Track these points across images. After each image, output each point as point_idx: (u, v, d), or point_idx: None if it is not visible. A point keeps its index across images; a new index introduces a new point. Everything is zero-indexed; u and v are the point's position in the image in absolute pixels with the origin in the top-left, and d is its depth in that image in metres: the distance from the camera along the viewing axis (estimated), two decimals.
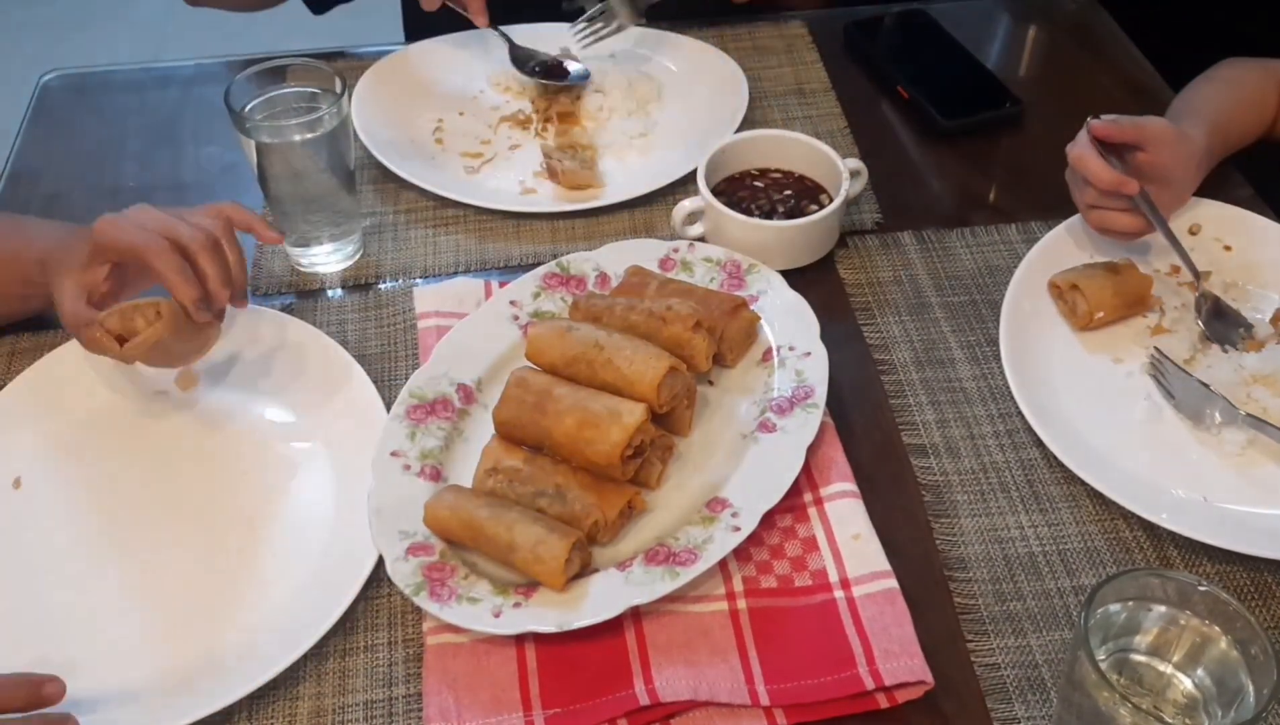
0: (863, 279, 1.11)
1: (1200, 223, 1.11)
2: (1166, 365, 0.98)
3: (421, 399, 0.96)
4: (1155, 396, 0.98)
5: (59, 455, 0.97)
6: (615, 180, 1.21)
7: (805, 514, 0.90)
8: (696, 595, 0.85)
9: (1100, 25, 1.43)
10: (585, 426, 0.88)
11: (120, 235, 0.91)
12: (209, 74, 1.38)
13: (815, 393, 0.94)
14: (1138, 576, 0.71)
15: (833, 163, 1.11)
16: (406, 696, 0.82)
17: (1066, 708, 0.71)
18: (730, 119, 1.23)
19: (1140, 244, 1.08)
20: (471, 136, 1.27)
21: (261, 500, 0.93)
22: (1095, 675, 0.66)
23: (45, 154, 1.28)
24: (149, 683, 0.82)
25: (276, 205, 1.09)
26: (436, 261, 1.14)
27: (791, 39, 1.40)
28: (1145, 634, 0.73)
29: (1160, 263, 1.08)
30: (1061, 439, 0.93)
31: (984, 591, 0.86)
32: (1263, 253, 1.08)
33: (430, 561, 0.85)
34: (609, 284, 1.05)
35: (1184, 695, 0.72)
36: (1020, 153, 1.26)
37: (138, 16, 3.31)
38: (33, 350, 1.04)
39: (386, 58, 1.32)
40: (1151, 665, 0.73)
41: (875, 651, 0.81)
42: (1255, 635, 0.68)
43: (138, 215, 0.93)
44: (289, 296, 1.10)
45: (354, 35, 1.40)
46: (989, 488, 0.93)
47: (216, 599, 0.87)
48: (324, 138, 1.03)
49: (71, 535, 0.91)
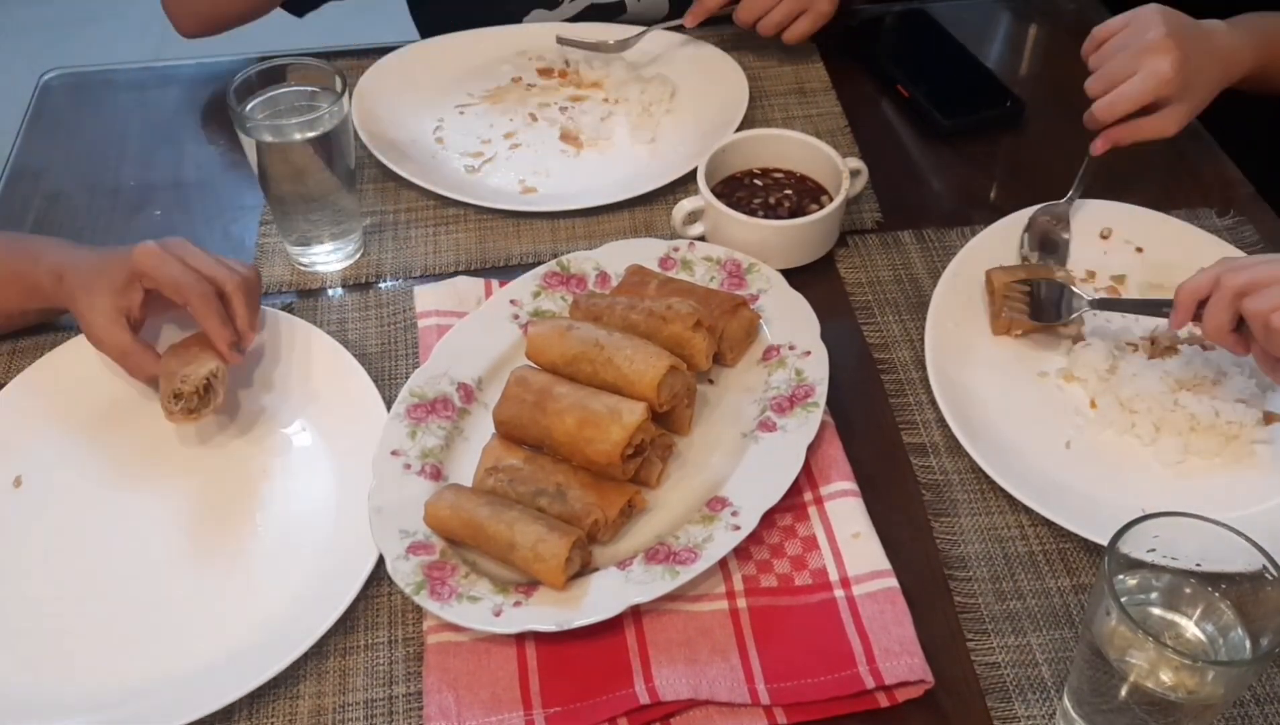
0: (863, 278, 1.11)
1: (1111, 226, 1.11)
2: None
3: (422, 398, 0.96)
4: (1083, 407, 0.97)
5: (59, 455, 0.97)
6: (615, 180, 1.21)
7: (805, 513, 0.90)
8: (696, 594, 0.85)
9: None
10: (585, 425, 0.88)
11: (166, 270, 0.94)
12: (209, 74, 1.38)
13: (815, 392, 0.94)
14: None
15: (833, 162, 1.11)
16: (407, 695, 0.82)
17: (1087, 665, 0.72)
18: (730, 119, 1.23)
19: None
20: (472, 136, 1.27)
21: (262, 499, 0.94)
22: (1117, 611, 0.66)
23: (45, 154, 1.28)
24: (149, 682, 0.82)
25: (277, 205, 1.09)
26: (437, 261, 1.14)
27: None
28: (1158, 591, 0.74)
29: (1077, 269, 1.08)
30: (995, 455, 0.92)
31: (984, 590, 0.86)
32: (1174, 252, 1.07)
33: (430, 560, 0.85)
34: (609, 283, 1.05)
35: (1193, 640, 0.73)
36: (1020, 152, 1.26)
37: (138, 16, 3.31)
38: (33, 350, 1.04)
39: (387, 57, 1.32)
40: (1165, 617, 0.74)
41: (875, 650, 0.81)
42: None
43: (178, 249, 0.95)
44: (289, 296, 1.10)
45: (356, 35, 1.40)
46: (989, 487, 0.93)
47: (216, 598, 0.87)
48: (324, 137, 1.03)
49: (71, 534, 0.91)
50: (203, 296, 0.94)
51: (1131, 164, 1.19)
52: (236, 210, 1.20)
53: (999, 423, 0.96)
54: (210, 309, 0.94)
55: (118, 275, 0.95)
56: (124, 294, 0.95)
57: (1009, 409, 0.97)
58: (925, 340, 1.00)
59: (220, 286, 0.95)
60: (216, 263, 0.96)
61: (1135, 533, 0.70)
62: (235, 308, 0.96)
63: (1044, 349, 1.02)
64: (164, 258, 0.94)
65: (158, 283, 0.94)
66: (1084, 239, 1.10)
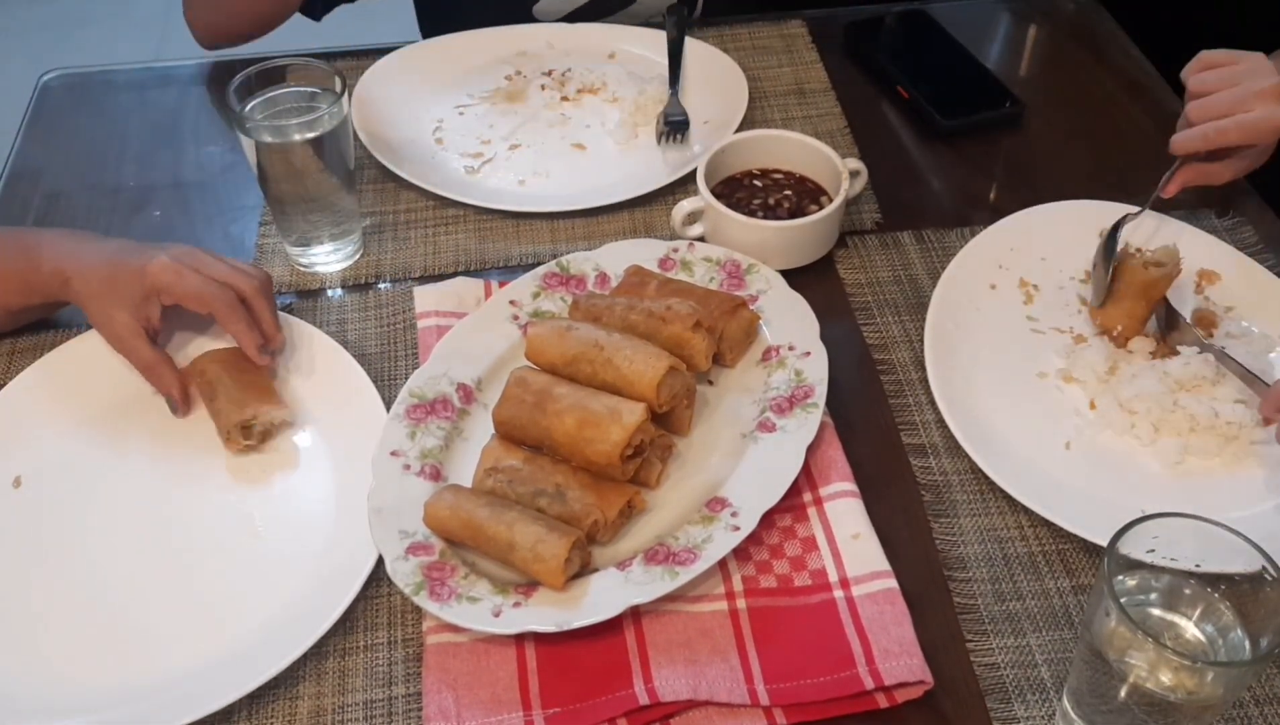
0: (863, 279, 1.11)
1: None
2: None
3: (421, 399, 0.96)
4: (1083, 408, 0.97)
5: (59, 455, 0.97)
6: (615, 180, 1.21)
7: (805, 513, 0.90)
8: (696, 595, 0.85)
9: (1100, 25, 1.43)
10: (585, 426, 0.88)
11: (186, 285, 0.95)
12: (209, 74, 1.38)
13: (815, 392, 0.94)
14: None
15: (833, 163, 1.11)
16: (406, 696, 0.82)
17: (1086, 665, 0.72)
18: (730, 119, 1.23)
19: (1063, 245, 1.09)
20: (471, 136, 1.27)
21: (262, 500, 0.94)
22: (1117, 612, 0.66)
23: (45, 154, 1.28)
24: (149, 682, 0.82)
25: (276, 205, 1.09)
26: (436, 261, 1.14)
27: (791, 39, 1.40)
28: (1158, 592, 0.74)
29: (1077, 270, 1.09)
30: (994, 456, 0.92)
31: (984, 591, 0.86)
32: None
33: (430, 561, 0.85)
34: (609, 284, 1.05)
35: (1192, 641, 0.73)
36: (1020, 153, 1.26)
37: (138, 16, 3.32)
38: (32, 350, 1.04)
39: (387, 57, 1.32)
40: (1165, 618, 0.74)
41: (875, 651, 0.80)
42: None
43: (190, 259, 0.96)
44: (289, 296, 1.10)
45: (356, 35, 1.39)
46: (988, 487, 0.93)
47: (216, 598, 0.87)
48: (324, 137, 1.03)
49: (71, 535, 0.91)
50: (228, 305, 0.95)
51: (1132, 164, 1.20)
52: (236, 210, 1.20)
53: (999, 423, 0.96)
54: (236, 316, 0.96)
55: (134, 290, 0.95)
56: (141, 308, 0.96)
57: (1009, 409, 0.97)
58: (925, 341, 1.00)
59: (240, 292, 0.96)
60: (231, 269, 0.97)
61: (1135, 533, 0.70)
62: (258, 312, 0.97)
63: (1044, 349, 1.02)
64: (181, 272, 0.95)
65: (179, 298, 0.95)
66: (1084, 239, 1.10)
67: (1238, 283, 1.06)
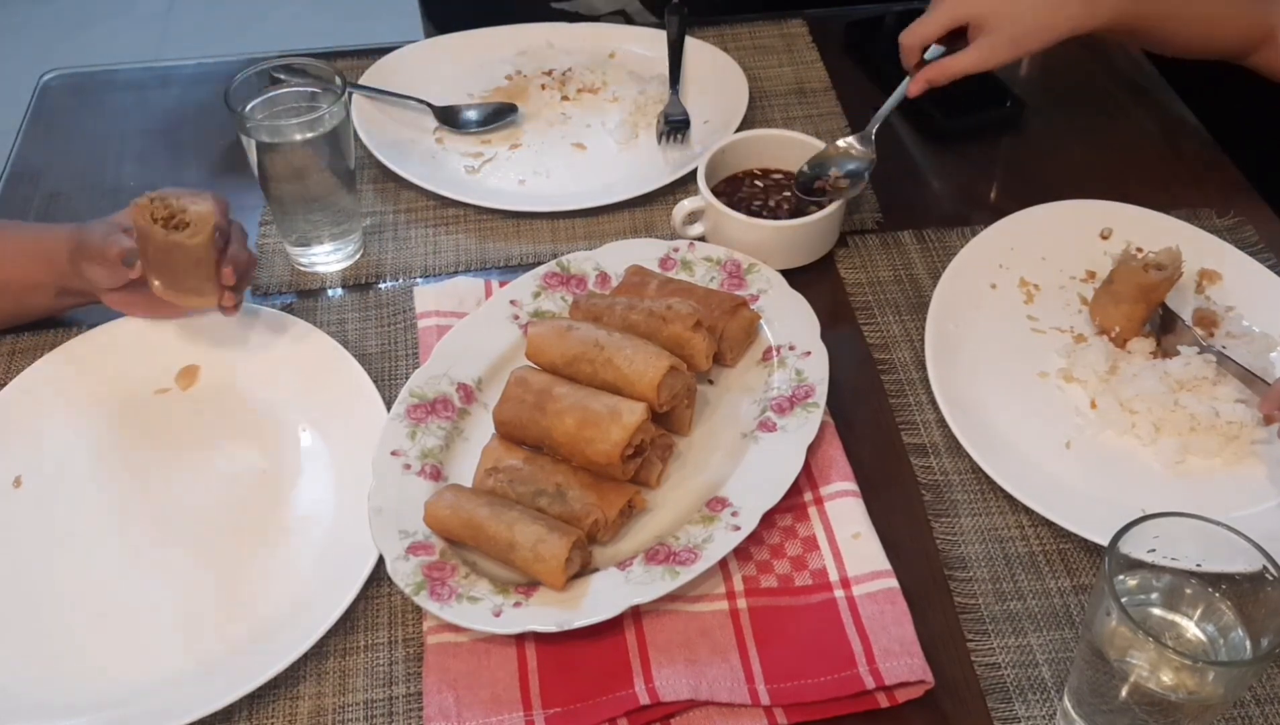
0: (863, 279, 1.11)
1: (1111, 226, 1.11)
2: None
3: (421, 398, 0.96)
4: (1083, 408, 0.97)
5: (59, 455, 0.96)
6: (615, 180, 1.21)
7: (805, 513, 0.90)
8: (696, 595, 0.85)
9: None
10: (585, 426, 0.88)
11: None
12: (209, 74, 1.38)
13: (815, 392, 0.94)
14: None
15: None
16: (407, 696, 0.82)
17: (1087, 666, 0.72)
18: (730, 119, 1.23)
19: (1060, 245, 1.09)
20: (472, 136, 1.27)
21: (261, 499, 0.93)
22: (1118, 611, 0.66)
23: (45, 154, 1.28)
24: (149, 682, 0.82)
25: (277, 205, 1.09)
26: (436, 261, 1.14)
27: (791, 38, 1.40)
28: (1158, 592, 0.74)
29: (1077, 270, 1.08)
30: (995, 456, 0.92)
31: (984, 591, 0.86)
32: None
33: (430, 561, 0.85)
34: (609, 283, 1.05)
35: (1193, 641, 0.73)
36: (1020, 153, 1.26)
37: (138, 16, 3.31)
38: (33, 350, 1.04)
39: (387, 57, 1.32)
40: (1166, 617, 0.74)
41: (875, 651, 0.80)
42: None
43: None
44: (289, 296, 1.10)
45: (356, 35, 1.40)
46: (989, 487, 0.93)
47: (216, 598, 0.87)
48: (324, 137, 1.03)
49: (71, 535, 0.91)
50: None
51: (1132, 164, 1.19)
52: (236, 210, 1.18)
53: (999, 423, 0.96)
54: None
55: (119, 218, 0.97)
56: (122, 224, 0.96)
57: (1009, 409, 0.97)
58: (925, 341, 1.00)
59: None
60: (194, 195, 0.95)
61: (1135, 533, 0.70)
62: (233, 248, 0.96)
63: (1044, 349, 1.02)
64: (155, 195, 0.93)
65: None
66: (1084, 239, 1.10)
67: (1238, 282, 1.06)
